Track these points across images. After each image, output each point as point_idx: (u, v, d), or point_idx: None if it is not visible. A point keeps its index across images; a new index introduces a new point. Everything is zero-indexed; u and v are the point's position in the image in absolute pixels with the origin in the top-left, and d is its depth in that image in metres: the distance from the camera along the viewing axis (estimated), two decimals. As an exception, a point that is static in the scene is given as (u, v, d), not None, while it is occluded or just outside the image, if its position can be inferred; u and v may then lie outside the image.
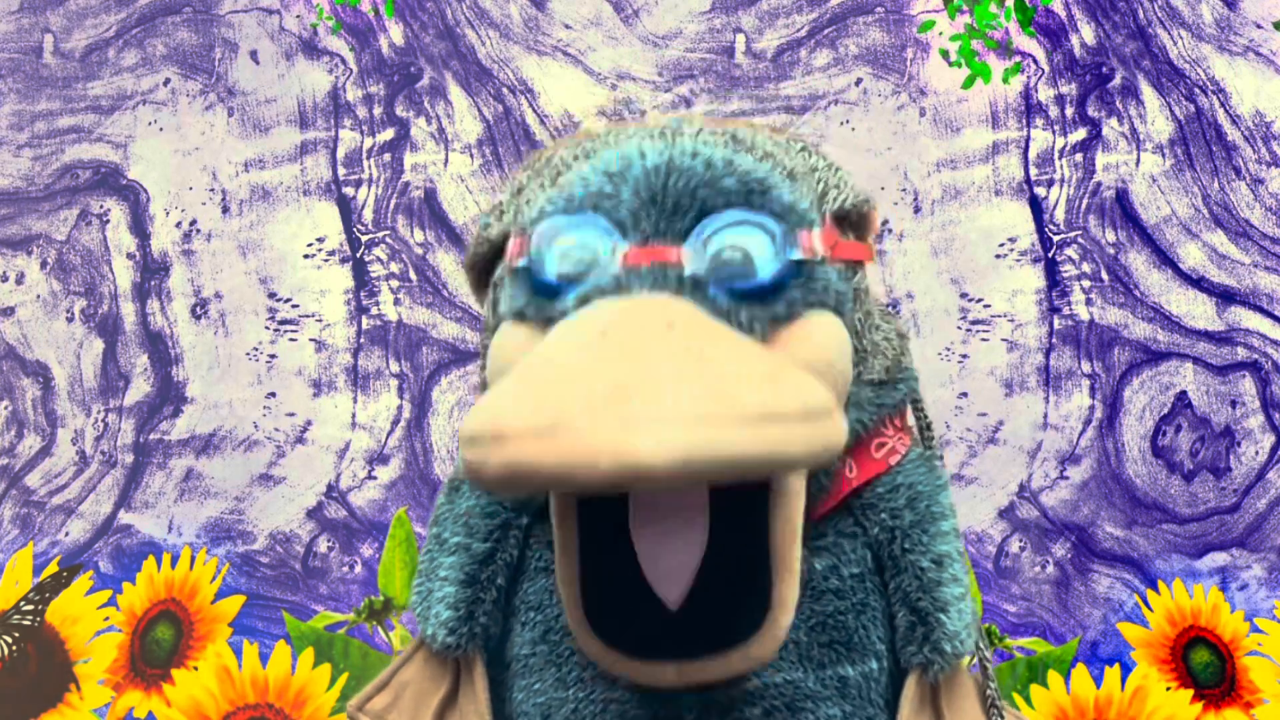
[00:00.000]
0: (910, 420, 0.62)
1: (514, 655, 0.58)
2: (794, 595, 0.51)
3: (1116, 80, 1.36)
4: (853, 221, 0.57)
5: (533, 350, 0.46)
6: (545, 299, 0.51)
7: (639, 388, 0.41)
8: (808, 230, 0.52)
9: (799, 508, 0.51)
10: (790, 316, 0.50)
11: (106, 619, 1.13)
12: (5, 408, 1.43)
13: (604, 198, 0.51)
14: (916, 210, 1.36)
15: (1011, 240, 1.36)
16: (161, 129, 1.43)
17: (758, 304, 0.50)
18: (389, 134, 1.41)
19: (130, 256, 1.43)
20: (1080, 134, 1.36)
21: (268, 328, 1.40)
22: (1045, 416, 1.35)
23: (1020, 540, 1.34)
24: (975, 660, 0.61)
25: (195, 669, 1.06)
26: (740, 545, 0.50)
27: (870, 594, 0.57)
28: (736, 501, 0.49)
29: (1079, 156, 1.36)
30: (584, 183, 0.52)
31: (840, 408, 0.48)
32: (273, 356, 1.40)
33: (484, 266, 0.59)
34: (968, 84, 1.36)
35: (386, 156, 1.41)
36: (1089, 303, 1.35)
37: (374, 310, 1.40)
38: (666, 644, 0.49)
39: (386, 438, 1.39)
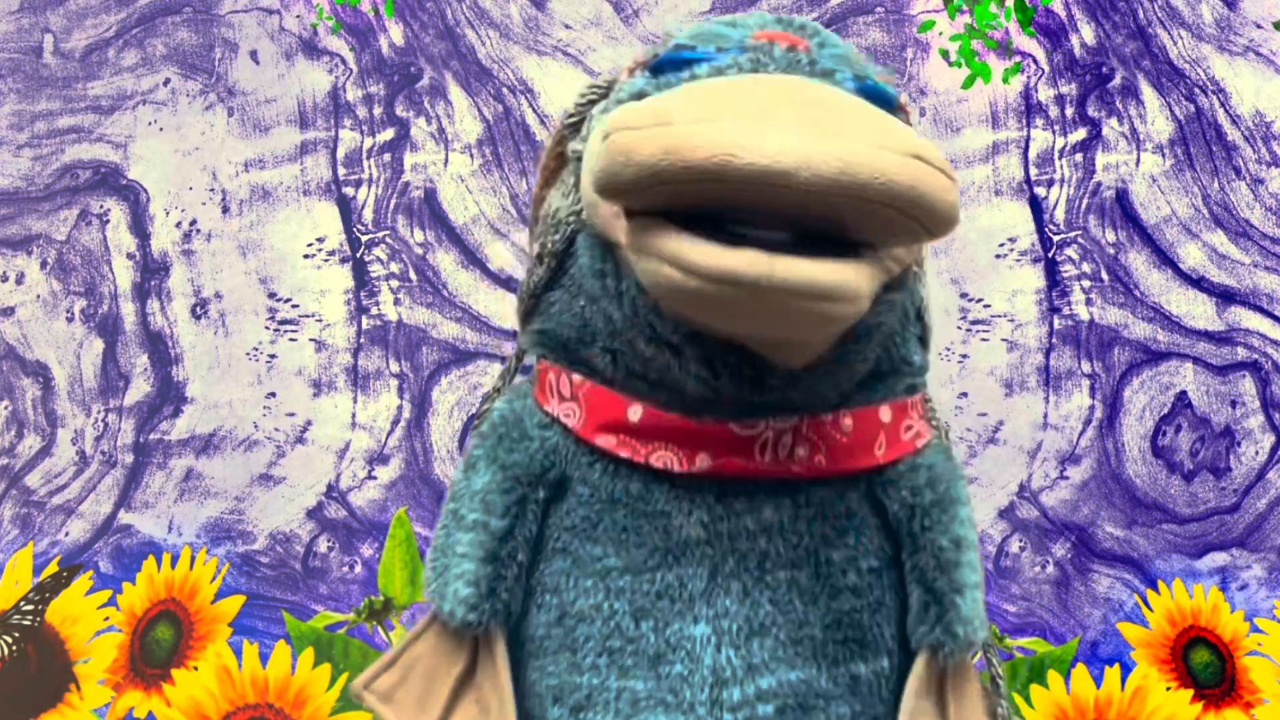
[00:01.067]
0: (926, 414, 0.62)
1: (528, 636, 0.58)
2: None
3: (1116, 80, 1.36)
4: None
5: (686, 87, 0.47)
6: (672, 73, 0.51)
7: (800, 107, 0.42)
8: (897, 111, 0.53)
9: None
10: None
11: (106, 619, 1.12)
12: (5, 408, 1.43)
13: (732, 25, 0.54)
14: (916, 210, 1.36)
15: (1011, 240, 1.36)
16: (161, 129, 1.43)
17: (881, 107, 0.49)
18: (389, 134, 1.41)
19: (130, 256, 1.43)
20: (1080, 134, 1.36)
21: (268, 328, 1.40)
22: (1045, 416, 1.35)
23: (1020, 540, 1.34)
24: (987, 668, 0.60)
25: (195, 669, 1.06)
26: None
27: (886, 591, 0.56)
28: None
29: (1079, 156, 1.36)
30: (697, 35, 0.54)
31: (921, 242, 0.49)
32: (273, 356, 1.40)
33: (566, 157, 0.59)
34: (968, 84, 1.36)
35: (386, 156, 1.41)
36: (1089, 303, 1.35)
37: (374, 310, 1.40)
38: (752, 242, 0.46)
39: (386, 438, 1.39)
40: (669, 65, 0.51)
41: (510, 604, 0.57)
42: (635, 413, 0.54)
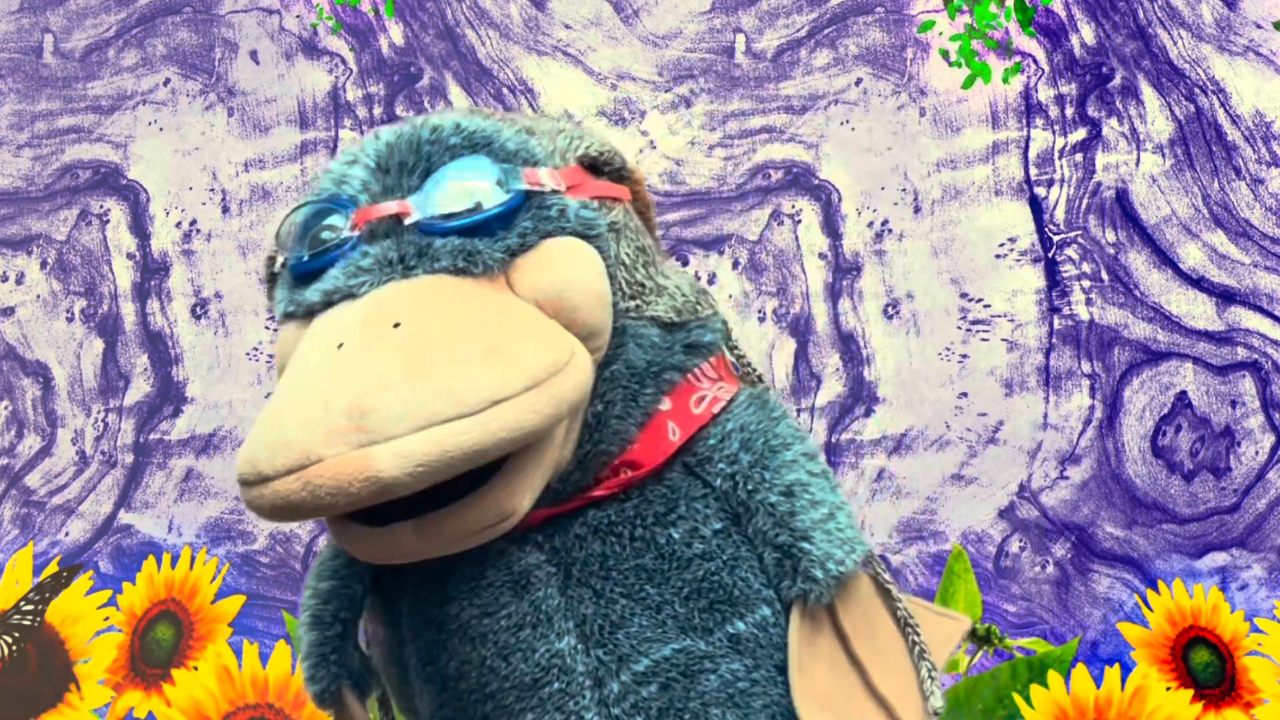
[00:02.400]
0: (730, 366, 0.61)
1: (380, 670, 0.59)
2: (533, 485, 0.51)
3: (1116, 80, 1.37)
4: (609, 173, 0.58)
5: (287, 370, 0.51)
6: (301, 291, 0.53)
7: (370, 405, 0.44)
8: (534, 168, 0.53)
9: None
10: (525, 246, 0.51)
11: (106, 619, 1.12)
12: (5, 408, 1.43)
13: (343, 181, 0.54)
14: (916, 210, 1.37)
15: (1011, 240, 1.36)
16: (161, 129, 1.43)
17: (488, 238, 0.51)
18: (389, 134, 1.41)
19: (130, 256, 1.43)
20: (1080, 134, 1.36)
21: (268, 328, 1.40)
22: (1045, 416, 1.35)
23: (1020, 540, 1.34)
24: (874, 579, 0.59)
25: (195, 669, 1.06)
26: None
27: (739, 545, 0.56)
28: None
29: (1079, 156, 1.36)
30: (329, 176, 0.55)
31: (592, 335, 0.51)
32: (272, 356, 1.40)
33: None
34: (968, 84, 1.36)
35: (386, 156, 1.41)
36: (1089, 303, 1.35)
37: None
38: (400, 508, 0.48)
39: (386, 438, 1.39)
40: (302, 279, 0.54)
41: (344, 663, 0.57)
42: None
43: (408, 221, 0.51)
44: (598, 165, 0.57)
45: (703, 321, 0.58)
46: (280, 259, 0.56)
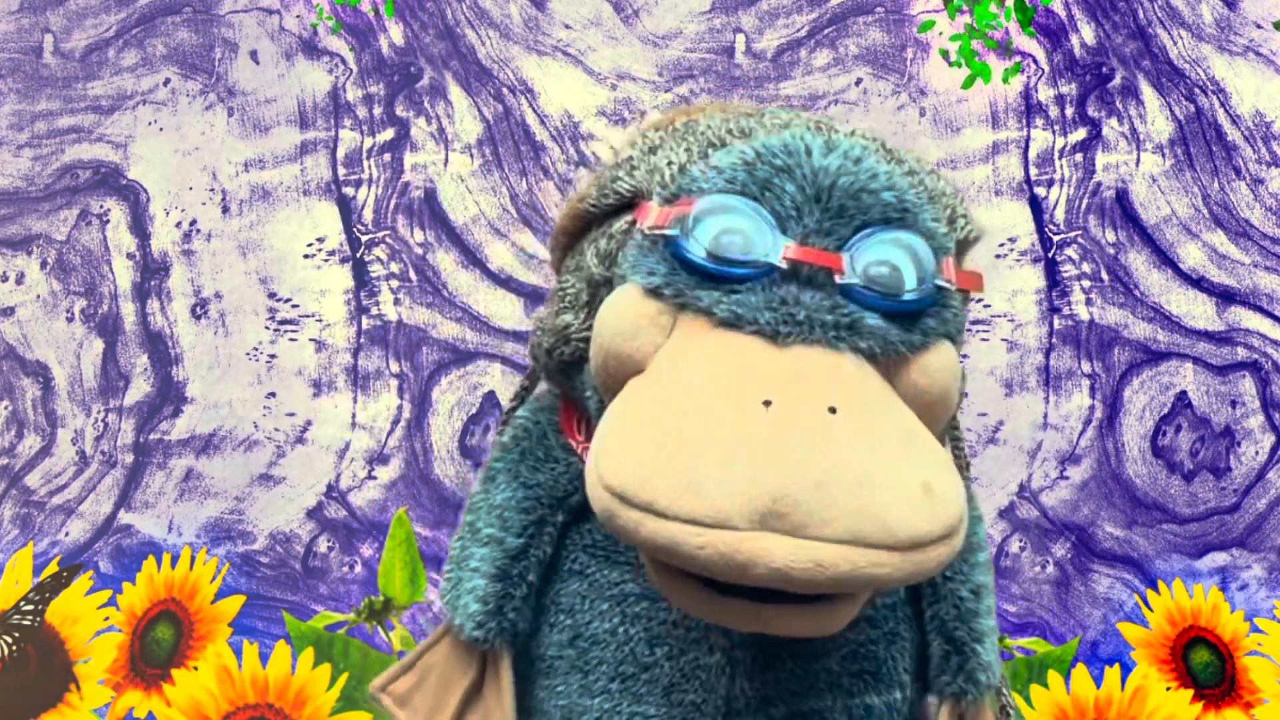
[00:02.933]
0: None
1: (539, 654, 0.57)
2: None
3: (1116, 80, 1.36)
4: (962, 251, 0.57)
5: (674, 377, 0.47)
6: (689, 279, 0.49)
7: (801, 500, 0.42)
8: (947, 257, 0.51)
9: None
10: (924, 346, 0.49)
11: (106, 619, 1.13)
12: (5, 408, 1.43)
13: (768, 186, 0.49)
14: (916, 210, 1.36)
15: (1011, 240, 1.36)
16: (161, 129, 1.43)
17: (901, 327, 0.49)
18: (389, 134, 1.41)
19: (130, 256, 1.43)
20: (1080, 134, 1.36)
21: (268, 328, 1.40)
22: (1045, 416, 1.35)
23: (1020, 540, 1.34)
24: (999, 699, 0.60)
25: (195, 669, 1.06)
26: None
27: (900, 623, 0.56)
28: None
29: (1079, 156, 1.36)
30: (748, 166, 0.50)
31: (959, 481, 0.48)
32: (273, 356, 1.40)
33: (589, 222, 0.56)
34: (968, 84, 1.36)
35: (386, 156, 1.41)
36: (1089, 303, 1.35)
37: (374, 310, 1.40)
38: (746, 590, 0.47)
39: (386, 438, 1.39)
40: (687, 268, 0.49)
41: (518, 623, 0.56)
42: None
43: (839, 280, 0.48)
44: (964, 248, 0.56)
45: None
46: (664, 224, 0.50)
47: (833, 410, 0.45)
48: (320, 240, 1.41)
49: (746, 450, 0.43)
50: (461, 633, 0.57)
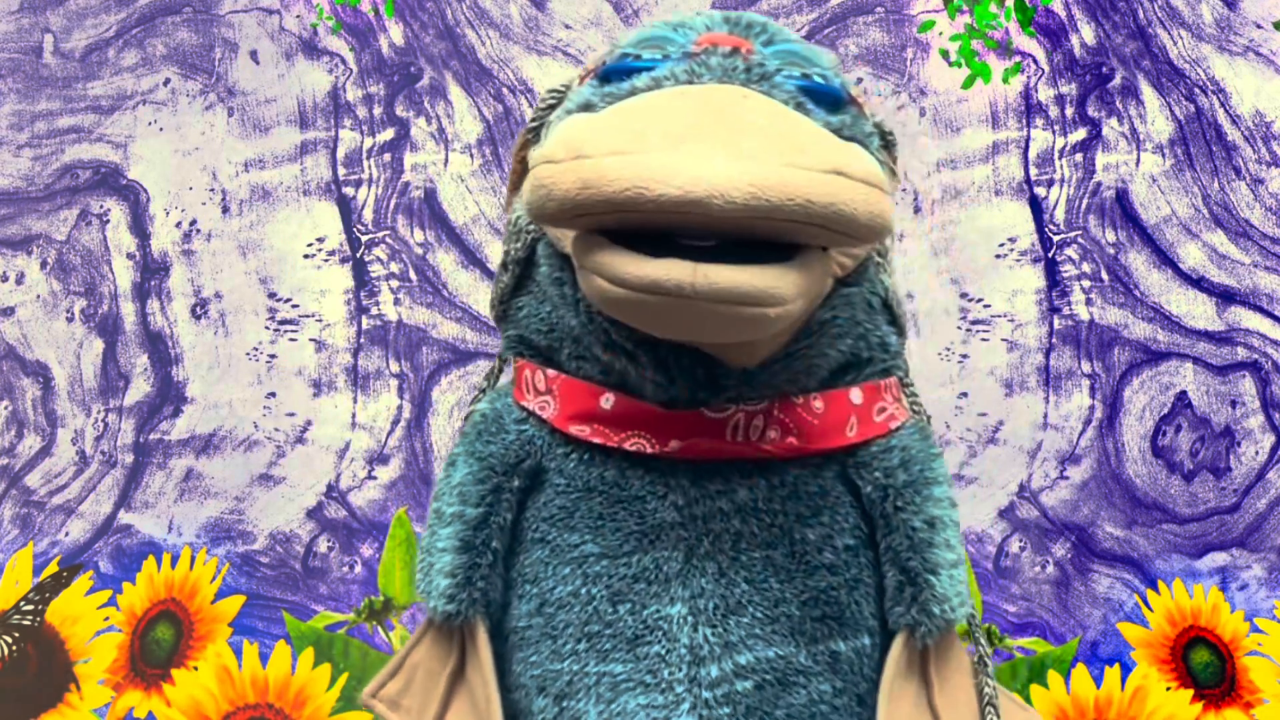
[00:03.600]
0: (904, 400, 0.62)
1: (512, 628, 0.58)
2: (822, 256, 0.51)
3: (1116, 80, 1.36)
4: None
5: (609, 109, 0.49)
6: (616, 83, 0.52)
7: (717, 129, 0.43)
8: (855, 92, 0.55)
9: None
10: (839, 132, 0.51)
11: (106, 619, 1.13)
12: (5, 408, 1.43)
13: (681, 25, 0.54)
14: (916, 210, 1.36)
15: (1011, 240, 1.36)
16: (161, 129, 1.43)
17: (823, 107, 0.51)
18: (389, 134, 1.41)
19: (130, 256, 1.43)
20: (1080, 134, 1.36)
21: (268, 328, 1.40)
22: (1045, 416, 1.35)
23: (1020, 540, 1.34)
24: (972, 646, 0.60)
25: (195, 669, 1.06)
26: None
27: (864, 569, 0.56)
28: None
29: (1079, 156, 1.36)
30: (658, 27, 0.55)
31: (865, 235, 0.48)
32: (273, 356, 1.40)
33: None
34: (968, 84, 1.36)
35: (386, 156, 1.41)
36: (1089, 303, 1.35)
37: (374, 310, 1.40)
38: (682, 250, 0.47)
39: (386, 438, 1.39)
40: (614, 75, 0.53)
41: (489, 592, 0.57)
42: (608, 401, 0.55)
43: (751, 58, 0.51)
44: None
45: (896, 351, 0.60)
46: (588, 77, 0.55)
47: (746, 96, 0.47)
48: (320, 240, 1.41)
49: (664, 106, 0.46)
50: (435, 613, 0.58)
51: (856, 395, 0.57)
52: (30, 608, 1.12)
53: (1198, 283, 1.35)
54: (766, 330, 0.48)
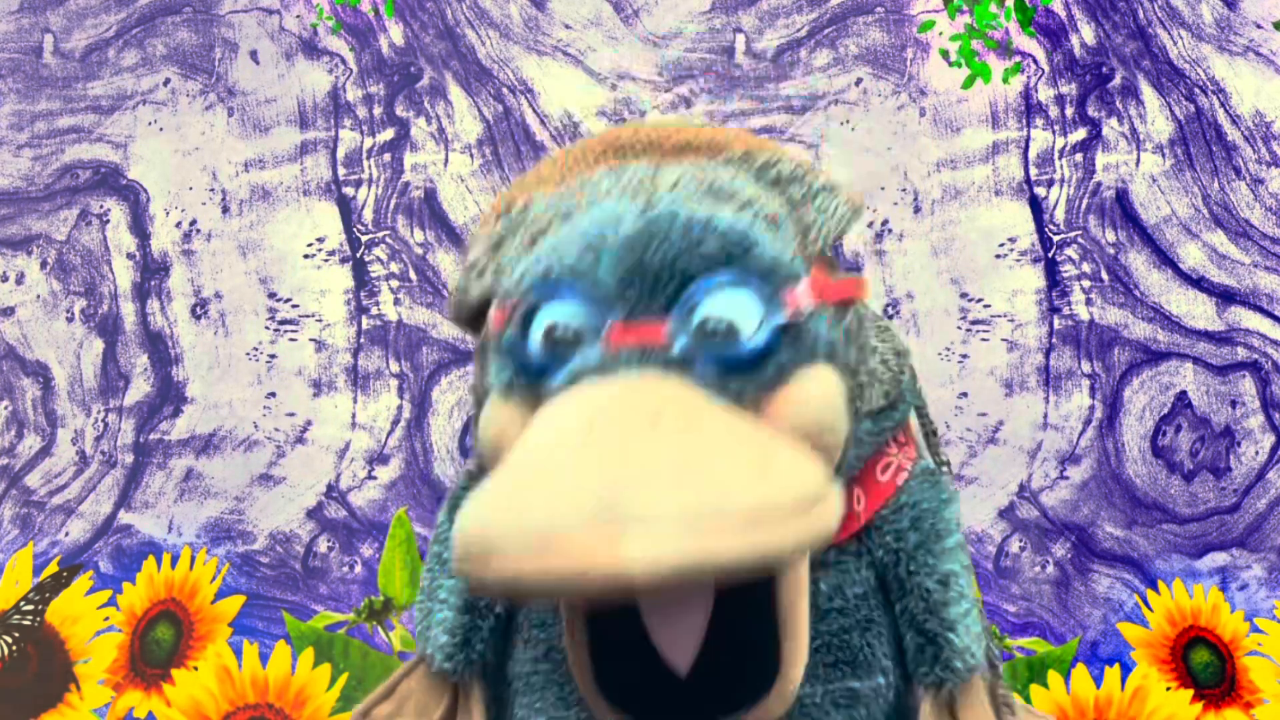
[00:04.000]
0: (915, 429, 0.61)
1: (516, 673, 0.58)
2: (803, 654, 0.51)
3: (1116, 80, 1.36)
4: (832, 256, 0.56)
5: (520, 438, 0.46)
6: (531, 378, 0.50)
7: (626, 495, 0.40)
8: (793, 286, 0.50)
9: (804, 566, 0.51)
10: (780, 380, 0.48)
11: (106, 619, 1.13)
12: (5, 408, 1.43)
13: (582, 273, 0.50)
14: (916, 210, 1.37)
15: (1011, 240, 1.36)
16: (161, 129, 1.43)
17: (746, 373, 0.48)
18: (389, 134, 1.41)
19: (130, 256, 1.43)
20: (1080, 134, 1.36)
21: (268, 328, 1.40)
22: (1045, 416, 1.35)
23: (1020, 540, 1.34)
24: (989, 676, 0.60)
25: (195, 669, 1.06)
26: (747, 607, 0.49)
27: (875, 610, 0.57)
28: None
29: (1079, 156, 1.36)
30: (559, 255, 0.51)
31: (834, 475, 0.48)
32: (273, 356, 1.40)
33: (469, 319, 0.59)
34: (968, 84, 1.36)
35: (386, 156, 1.41)
36: (1089, 303, 1.35)
37: (374, 310, 1.40)
38: (677, 708, 0.49)
39: (386, 438, 1.39)
40: (527, 370, 0.50)
41: (485, 654, 0.58)
42: None
43: (670, 354, 0.48)
44: (830, 251, 0.54)
45: (903, 395, 0.57)
46: (501, 330, 0.52)
47: (657, 416, 0.44)
48: (320, 240, 1.41)
49: (571, 465, 0.42)
50: (432, 663, 0.58)
51: (856, 467, 0.56)
52: (30, 608, 1.12)
53: (1198, 283, 1.35)
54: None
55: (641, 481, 0.41)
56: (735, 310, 0.48)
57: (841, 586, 0.56)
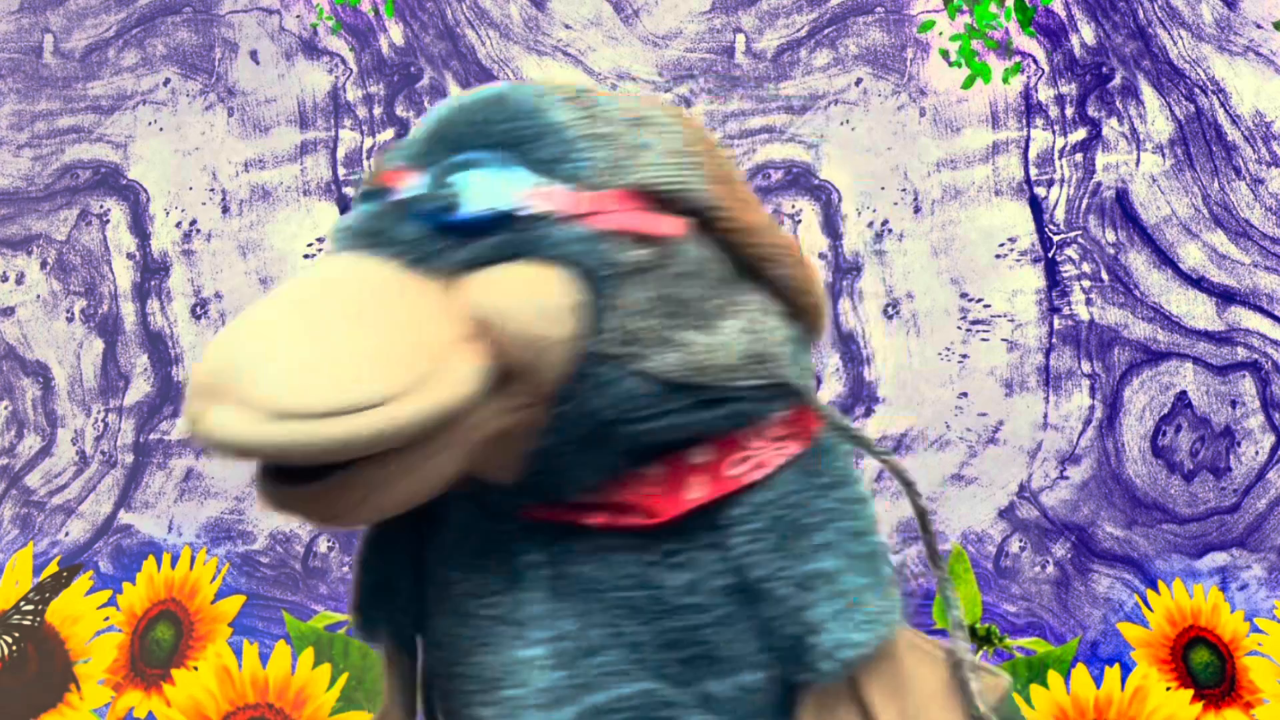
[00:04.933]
0: (817, 418, 0.57)
1: (428, 666, 0.61)
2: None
3: (1116, 80, 1.36)
4: (682, 209, 0.53)
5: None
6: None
7: (240, 371, 0.46)
8: (553, 184, 0.50)
9: None
10: (485, 262, 0.49)
11: (106, 619, 1.13)
12: (5, 408, 1.43)
13: (413, 138, 0.55)
14: (916, 210, 1.37)
15: (1011, 240, 1.36)
16: (161, 129, 1.43)
17: (455, 240, 0.50)
18: (389, 134, 1.41)
19: (130, 256, 1.43)
20: (1080, 134, 1.36)
21: (268, 328, 1.40)
22: (1045, 416, 1.35)
23: (1020, 540, 1.34)
24: (958, 668, 0.59)
25: (195, 669, 1.06)
26: None
27: (738, 605, 0.54)
28: None
29: (1079, 156, 1.36)
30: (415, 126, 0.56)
31: (523, 371, 0.49)
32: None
33: None
34: (968, 84, 1.36)
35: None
36: (1089, 303, 1.35)
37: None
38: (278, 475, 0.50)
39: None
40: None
41: (393, 611, 0.60)
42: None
43: (394, 197, 0.52)
44: (666, 199, 0.52)
45: (740, 393, 0.54)
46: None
47: (325, 291, 0.49)
48: (320, 240, 1.41)
49: (240, 328, 0.48)
50: (359, 634, 0.62)
51: (698, 455, 0.54)
52: (30, 608, 1.12)
53: (1198, 283, 1.35)
54: (362, 517, 0.51)
55: (257, 361, 0.46)
56: (478, 184, 0.50)
57: (695, 581, 0.54)
